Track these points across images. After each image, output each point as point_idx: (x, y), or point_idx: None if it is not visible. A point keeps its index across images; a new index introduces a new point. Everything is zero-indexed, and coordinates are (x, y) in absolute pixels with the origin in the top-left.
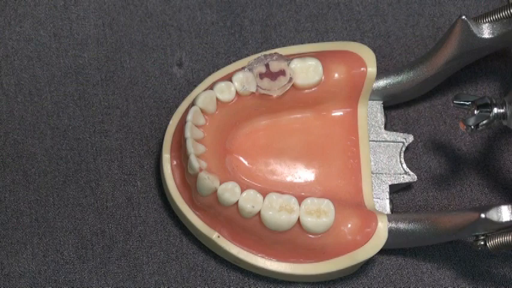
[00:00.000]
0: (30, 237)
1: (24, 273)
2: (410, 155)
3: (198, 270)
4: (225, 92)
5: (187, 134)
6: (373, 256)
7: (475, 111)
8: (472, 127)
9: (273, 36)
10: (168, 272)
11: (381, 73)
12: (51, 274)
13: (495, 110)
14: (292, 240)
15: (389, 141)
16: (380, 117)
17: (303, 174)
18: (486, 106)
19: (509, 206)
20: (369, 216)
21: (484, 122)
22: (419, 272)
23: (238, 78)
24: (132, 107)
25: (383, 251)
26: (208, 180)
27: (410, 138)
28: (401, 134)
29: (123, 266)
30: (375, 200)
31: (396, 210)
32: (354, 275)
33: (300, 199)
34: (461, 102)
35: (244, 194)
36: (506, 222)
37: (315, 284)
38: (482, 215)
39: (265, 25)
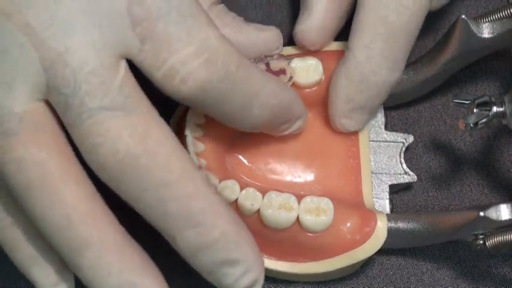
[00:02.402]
0: None
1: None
2: (410, 155)
3: None
4: None
5: (187, 131)
6: (373, 256)
7: (475, 110)
8: (471, 125)
9: None
10: (168, 272)
11: None
12: None
13: (494, 108)
14: (291, 239)
15: (390, 142)
16: (380, 117)
17: (302, 173)
18: (485, 105)
19: (509, 205)
20: (368, 215)
21: (483, 120)
22: (419, 272)
23: None
24: None
25: (383, 251)
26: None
27: (411, 138)
28: (402, 134)
29: None
30: (374, 199)
31: (396, 210)
32: (354, 275)
33: (300, 198)
34: (461, 101)
35: (244, 191)
36: (506, 220)
37: (315, 283)
38: (481, 213)
39: (265, 25)
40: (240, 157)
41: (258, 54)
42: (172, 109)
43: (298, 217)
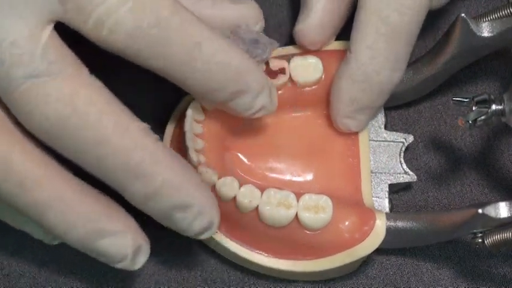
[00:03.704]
0: (30, 237)
1: (24, 273)
2: (410, 155)
3: (198, 270)
4: None
5: (187, 127)
6: (373, 256)
7: (474, 108)
8: (470, 122)
9: (273, 36)
10: (168, 272)
11: None
12: (51, 274)
13: (493, 106)
14: (290, 237)
15: (390, 141)
16: (380, 117)
17: (302, 172)
18: (485, 102)
19: (507, 203)
20: (367, 214)
21: (482, 117)
22: (419, 272)
23: None
24: (132, 106)
25: (382, 251)
26: (207, 174)
27: (411, 138)
28: (402, 134)
29: None
30: (374, 199)
31: (396, 210)
32: (354, 275)
33: (299, 195)
34: (460, 99)
35: (243, 188)
36: (504, 218)
37: (315, 283)
38: (480, 211)
39: (265, 25)
40: (240, 155)
41: (233, 26)
42: (173, 106)
43: (296, 214)
